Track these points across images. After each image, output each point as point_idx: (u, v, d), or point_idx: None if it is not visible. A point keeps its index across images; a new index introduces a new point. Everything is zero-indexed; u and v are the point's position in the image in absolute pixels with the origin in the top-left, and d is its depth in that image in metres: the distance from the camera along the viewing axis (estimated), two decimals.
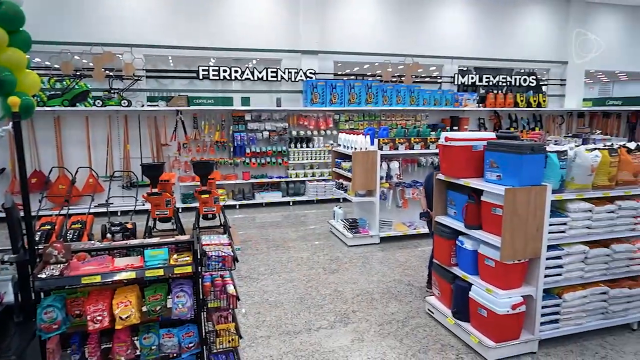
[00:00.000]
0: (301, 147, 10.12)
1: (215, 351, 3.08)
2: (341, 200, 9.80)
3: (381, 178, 6.89)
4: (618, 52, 13.48)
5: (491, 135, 4.21)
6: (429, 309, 4.65)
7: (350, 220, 7.16)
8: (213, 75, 9.66)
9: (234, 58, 10.28)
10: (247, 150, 9.77)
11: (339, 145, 7.54)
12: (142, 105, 9.02)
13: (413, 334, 4.28)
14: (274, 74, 10.03)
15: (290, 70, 10.12)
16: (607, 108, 12.87)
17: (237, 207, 9.69)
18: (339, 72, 11.40)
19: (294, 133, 10.10)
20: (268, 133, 9.86)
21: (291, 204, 10.01)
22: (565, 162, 3.78)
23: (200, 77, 9.61)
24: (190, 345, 2.78)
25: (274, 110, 9.93)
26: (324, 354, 3.94)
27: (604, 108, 12.90)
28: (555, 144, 6.86)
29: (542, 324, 3.91)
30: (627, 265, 4.13)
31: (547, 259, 3.80)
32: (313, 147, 10.18)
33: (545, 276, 3.83)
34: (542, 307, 3.87)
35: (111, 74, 9.03)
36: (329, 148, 9.78)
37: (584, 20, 12.72)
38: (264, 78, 9.97)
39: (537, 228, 3.66)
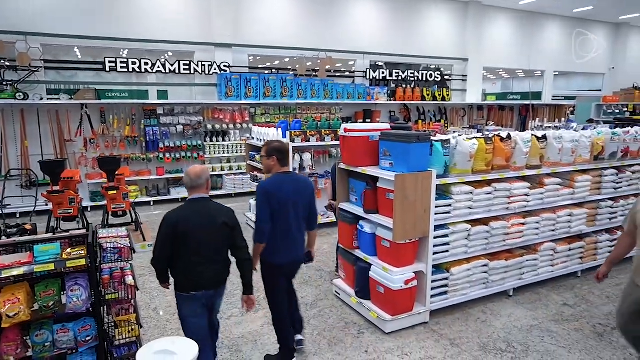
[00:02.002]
0: (217, 140, 10.04)
1: (117, 344, 3.08)
2: None
3: (294, 169, 7.08)
4: (512, 51, 14.88)
5: (386, 126, 4.56)
6: (336, 291, 4.94)
7: None
8: (121, 67, 9.26)
9: (147, 50, 9.92)
10: (161, 145, 9.49)
11: (253, 138, 7.62)
12: (42, 99, 8.43)
13: (320, 315, 4.54)
14: (187, 67, 9.85)
15: (204, 63, 9.98)
16: (504, 102, 14.21)
17: (152, 203, 9.42)
18: (255, 66, 11.45)
19: (210, 127, 9.99)
20: (182, 127, 9.67)
21: None
22: (448, 149, 4.20)
23: (107, 69, 9.18)
24: (88, 338, 2.77)
25: (188, 103, 9.75)
26: (234, 340, 4.06)
27: (502, 102, 14.22)
28: (459, 135, 7.47)
29: (432, 296, 4.34)
30: (503, 240, 4.69)
31: (435, 237, 4.22)
32: (229, 140, 10.15)
33: (434, 253, 4.25)
34: (432, 281, 4.30)
35: (6, 64, 8.33)
36: (245, 141, 9.82)
37: (481, 21, 13.88)
38: (177, 71, 9.76)
39: (425, 210, 4.05)
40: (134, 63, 9.33)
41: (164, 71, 9.63)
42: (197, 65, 9.92)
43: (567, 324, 4.33)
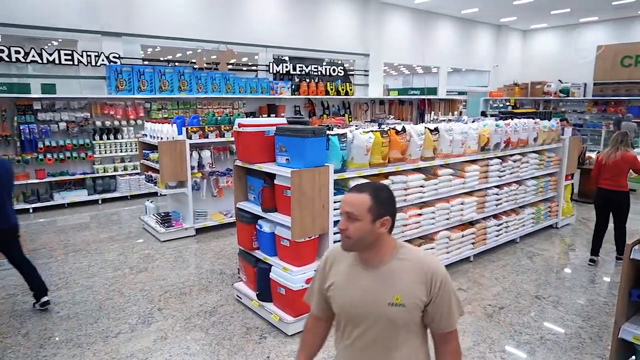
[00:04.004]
0: (108, 138, 9.19)
1: None
2: (159, 195, 9.23)
3: (192, 168, 6.67)
4: (410, 48, 15.56)
5: (282, 120, 4.39)
6: (237, 295, 4.69)
7: (163, 214, 6.80)
8: None
9: (26, 37, 8.70)
10: (40, 145, 8.41)
11: (146, 135, 7.05)
12: None
13: (220, 322, 4.27)
14: (69, 57, 8.84)
15: (89, 53, 9.04)
16: (404, 97, 14.85)
17: (32, 211, 8.35)
18: (155, 58, 10.66)
19: (99, 124, 9.10)
20: (66, 124, 8.68)
21: (100, 202, 9.04)
22: (345, 144, 4.15)
23: None
24: None
25: (71, 98, 8.77)
26: None
27: (402, 97, 14.85)
28: (356, 128, 7.50)
29: None
30: (402, 232, 4.78)
31: (335, 233, 4.13)
32: (122, 138, 9.33)
33: None
34: None
35: None
36: (138, 139, 9.11)
37: (381, 18, 14.31)
38: (57, 61, 8.71)
39: (323, 205, 3.96)
40: (1, 51, 8.15)
41: (40, 61, 8.53)
42: (82, 56, 8.96)
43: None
